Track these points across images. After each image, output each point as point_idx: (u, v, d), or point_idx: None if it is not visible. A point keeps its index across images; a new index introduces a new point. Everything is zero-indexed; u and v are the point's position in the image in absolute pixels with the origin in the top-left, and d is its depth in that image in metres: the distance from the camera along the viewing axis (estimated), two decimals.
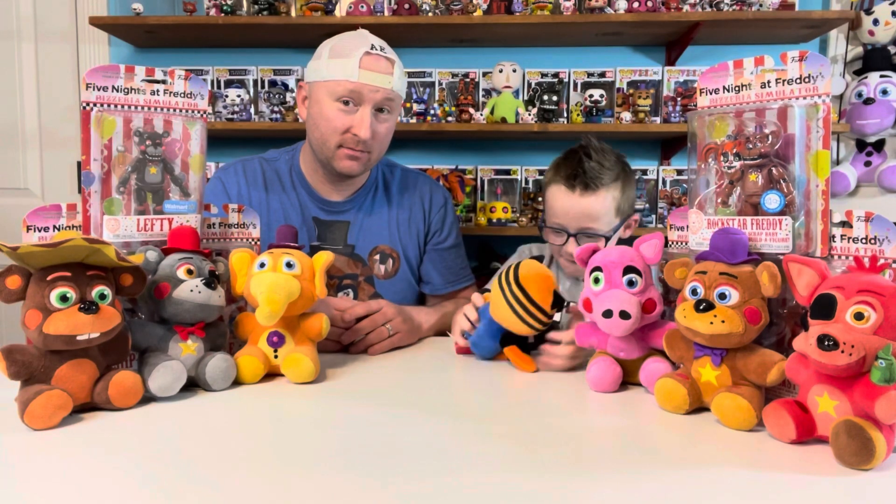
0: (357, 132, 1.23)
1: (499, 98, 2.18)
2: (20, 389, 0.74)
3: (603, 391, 0.89)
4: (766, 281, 0.74)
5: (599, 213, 1.28)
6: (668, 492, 0.58)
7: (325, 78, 1.23)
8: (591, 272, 0.89)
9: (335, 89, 1.22)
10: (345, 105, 1.22)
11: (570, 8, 2.07)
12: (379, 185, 1.42)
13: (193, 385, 0.86)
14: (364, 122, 1.22)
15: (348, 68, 1.21)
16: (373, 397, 0.87)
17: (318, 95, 1.25)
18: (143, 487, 0.58)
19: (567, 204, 1.29)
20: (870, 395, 0.62)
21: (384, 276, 1.37)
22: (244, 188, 1.35)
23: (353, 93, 1.21)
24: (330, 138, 1.25)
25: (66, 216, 0.88)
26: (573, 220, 1.29)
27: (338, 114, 1.23)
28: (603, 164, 1.28)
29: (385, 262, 1.37)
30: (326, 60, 1.23)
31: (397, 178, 1.45)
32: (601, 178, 1.27)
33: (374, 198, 1.41)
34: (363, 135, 1.22)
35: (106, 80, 0.89)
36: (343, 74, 1.21)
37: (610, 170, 1.28)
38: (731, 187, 0.83)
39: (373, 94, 1.22)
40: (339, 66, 1.21)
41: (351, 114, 1.23)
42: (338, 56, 1.22)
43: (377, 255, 1.37)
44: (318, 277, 0.93)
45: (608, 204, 1.29)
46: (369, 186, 1.41)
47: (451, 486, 0.59)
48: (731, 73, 0.84)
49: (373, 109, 1.23)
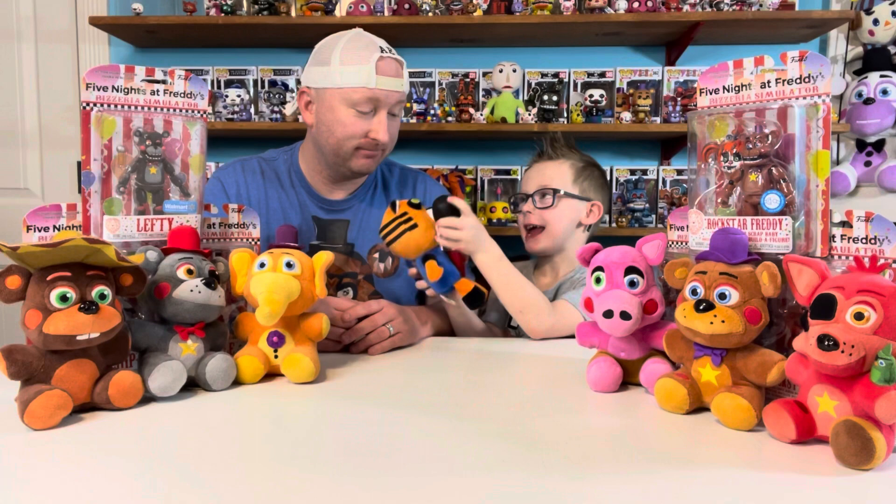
0: (377, 136, 1.26)
1: (499, 98, 2.18)
2: (20, 389, 0.74)
3: (603, 391, 0.89)
4: (766, 281, 0.74)
5: (555, 175, 1.45)
6: (668, 492, 0.58)
7: (338, 85, 1.24)
8: (593, 272, 0.89)
9: (352, 96, 1.23)
10: (361, 111, 1.24)
11: (570, 8, 2.07)
12: (378, 183, 1.43)
13: (193, 385, 0.86)
14: (383, 126, 1.26)
15: (364, 75, 1.22)
16: (373, 397, 0.87)
17: (330, 102, 1.26)
18: (142, 487, 0.58)
19: (529, 174, 1.51)
20: (870, 395, 0.62)
21: (384, 274, 1.38)
22: (243, 187, 1.36)
23: (372, 100, 1.24)
24: (346, 143, 1.27)
25: (66, 216, 0.88)
26: (530, 182, 1.48)
27: (355, 120, 1.25)
28: (563, 144, 1.49)
29: (384, 260, 1.38)
30: (339, 67, 1.23)
31: (396, 177, 1.46)
32: (559, 149, 1.48)
33: (373, 196, 1.41)
34: (383, 139, 1.26)
35: (106, 80, 0.89)
36: (360, 82, 1.22)
37: (569, 149, 1.48)
38: (731, 187, 0.83)
39: (389, 99, 1.25)
40: (355, 74, 1.22)
41: (367, 118, 1.26)
42: (352, 63, 1.23)
43: (376, 253, 1.37)
44: (318, 277, 0.93)
45: (564, 170, 1.46)
46: (368, 185, 1.41)
47: (451, 486, 0.59)
48: (731, 73, 0.84)
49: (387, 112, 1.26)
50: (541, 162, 1.50)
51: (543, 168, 1.48)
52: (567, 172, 1.45)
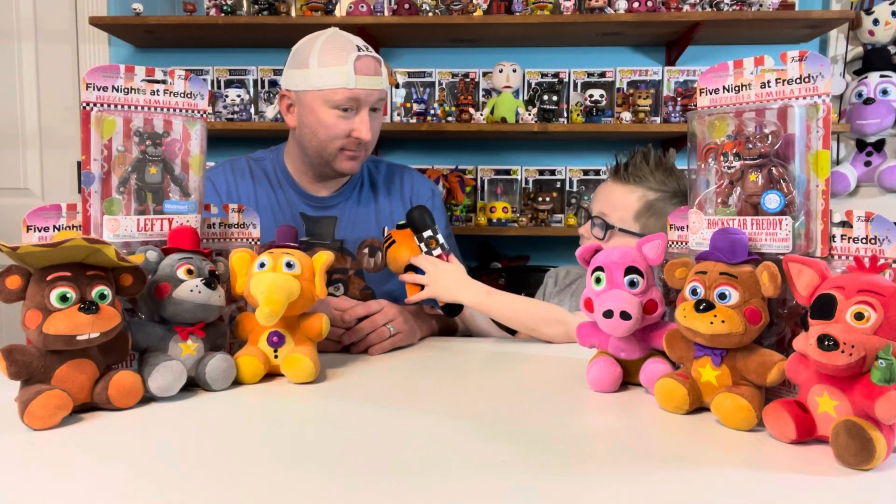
0: (359, 135, 1.26)
1: (499, 98, 2.18)
2: (20, 389, 0.74)
3: (603, 391, 0.89)
4: (766, 281, 0.74)
5: (618, 203, 1.27)
6: (668, 492, 0.58)
7: (318, 87, 1.24)
8: (593, 272, 0.89)
9: (332, 98, 1.24)
10: (343, 111, 1.25)
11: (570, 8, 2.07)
12: (365, 179, 1.45)
13: (193, 385, 0.86)
14: (365, 125, 1.27)
15: (343, 76, 1.22)
16: (373, 397, 0.87)
17: (312, 104, 1.26)
18: (142, 487, 0.58)
19: (600, 190, 1.33)
20: (870, 395, 0.62)
21: (374, 269, 1.38)
22: (233, 186, 1.38)
23: (353, 99, 1.24)
24: (330, 144, 1.28)
25: (66, 216, 0.88)
26: (597, 202, 1.31)
27: (337, 120, 1.26)
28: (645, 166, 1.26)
29: (374, 255, 1.39)
30: (317, 69, 1.24)
31: (383, 173, 1.48)
32: (637, 172, 1.26)
33: (360, 192, 1.43)
34: (366, 137, 1.27)
35: (106, 80, 0.89)
36: (339, 83, 1.23)
37: (651, 173, 1.25)
38: (731, 187, 0.83)
39: (370, 97, 1.26)
40: (333, 75, 1.23)
41: (349, 118, 1.26)
42: (329, 64, 1.23)
43: (366, 248, 1.38)
44: (318, 277, 0.93)
45: (632, 201, 1.26)
46: (355, 181, 1.43)
47: (451, 486, 0.59)
48: (731, 73, 0.84)
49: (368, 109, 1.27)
50: (614, 181, 1.30)
51: (612, 190, 1.29)
52: (633, 204, 1.26)
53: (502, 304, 1.19)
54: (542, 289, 1.55)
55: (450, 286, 1.16)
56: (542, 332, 1.19)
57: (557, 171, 2.31)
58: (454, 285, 1.16)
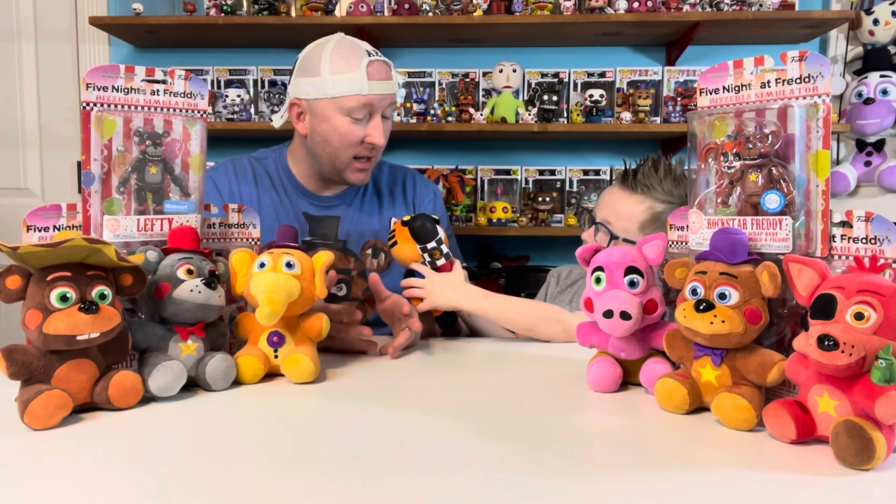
0: (373, 140, 1.27)
1: (499, 98, 2.18)
2: (20, 389, 0.74)
3: (603, 391, 0.89)
4: (766, 281, 0.74)
5: (623, 212, 1.26)
6: (668, 492, 0.58)
7: (331, 95, 1.24)
8: (593, 272, 0.89)
9: (346, 104, 1.24)
10: (356, 118, 1.25)
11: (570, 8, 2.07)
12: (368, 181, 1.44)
13: (193, 385, 0.86)
14: (378, 130, 1.27)
15: (357, 82, 1.22)
16: (373, 397, 0.87)
17: (324, 112, 1.26)
18: (142, 487, 0.58)
19: (605, 196, 1.32)
20: (870, 395, 0.62)
21: (377, 270, 1.39)
22: (234, 185, 1.37)
23: (367, 105, 1.24)
24: (344, 151, 1.28)
25: (66, 216, 0.88)
26: (602, 208, 1.30)
27: (351, 127, 1.25)
28: (654, 176, 1.25)
29: (377, 255, 1.39)
30: (331, 77, 1.23)
31: (385, 174, 1.48)
32: (645, 181, 1.25)
33: (363, 194, 1.43)
34: (380, 142, 1.27)
35: (106, 80, 0.89)
36: (353, 89, 1.22)
37: (659, 182, 1.24)
38: (731, 187, 0.83)
39: (382, 102, 1.26)
40: (346, 82, 1.22)
41: (362, 124, 1.26)
42: (342, 71, 1.23)
43: (369, 249, 1.38)
44: (318, 277, 0.93)
45: (638, 211, 1.25)
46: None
47: (451, 485, 0.59)
48: (731, 73, 0.84)
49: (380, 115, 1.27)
50: (621, 188, 1.28)
51: (618, 198, 1.28)
52: (639, 216, 1.24)
53: (500, 306, 1.21)
54: (544, 288, 1.55)
55: (447, 293, 1.18)
56: (541, 331, 1.19)
57: (557, 171, 2.32)
58: (451, 292, 1.18)
